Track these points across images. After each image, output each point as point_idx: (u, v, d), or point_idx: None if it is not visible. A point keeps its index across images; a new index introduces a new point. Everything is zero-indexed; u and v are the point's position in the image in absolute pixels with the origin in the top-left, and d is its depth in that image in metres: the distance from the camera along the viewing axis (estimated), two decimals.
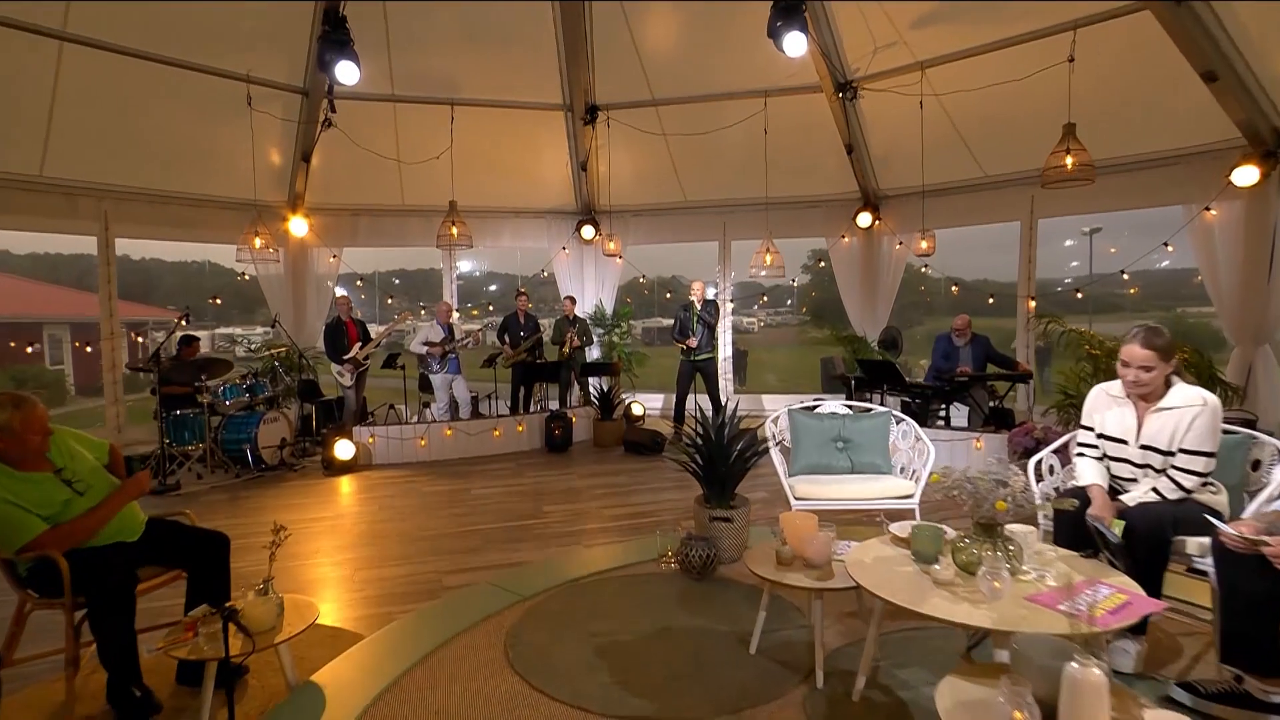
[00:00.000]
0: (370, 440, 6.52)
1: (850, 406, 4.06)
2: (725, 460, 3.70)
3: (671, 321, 7.24)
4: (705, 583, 3.50)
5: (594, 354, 8.72)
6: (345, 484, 5.91)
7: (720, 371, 7.61)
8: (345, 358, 7.07)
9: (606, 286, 9.11)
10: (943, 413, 6.40)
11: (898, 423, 3.93)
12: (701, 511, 3.76)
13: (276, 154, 7.42)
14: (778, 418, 4.01)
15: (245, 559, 3.61)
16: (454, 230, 7.02)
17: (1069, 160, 5.25)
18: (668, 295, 10.35)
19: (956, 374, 6.17)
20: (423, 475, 6.13)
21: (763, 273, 7.97)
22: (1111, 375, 5.31)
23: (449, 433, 6.72)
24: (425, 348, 7.08)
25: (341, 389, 7.21)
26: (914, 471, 3.70)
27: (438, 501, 5.28)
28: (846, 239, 8.22)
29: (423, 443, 6.63)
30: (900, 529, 2.83)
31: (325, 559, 4.09)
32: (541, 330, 7.79)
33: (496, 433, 6.91)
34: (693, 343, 6.75)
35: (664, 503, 5.15)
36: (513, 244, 9.09)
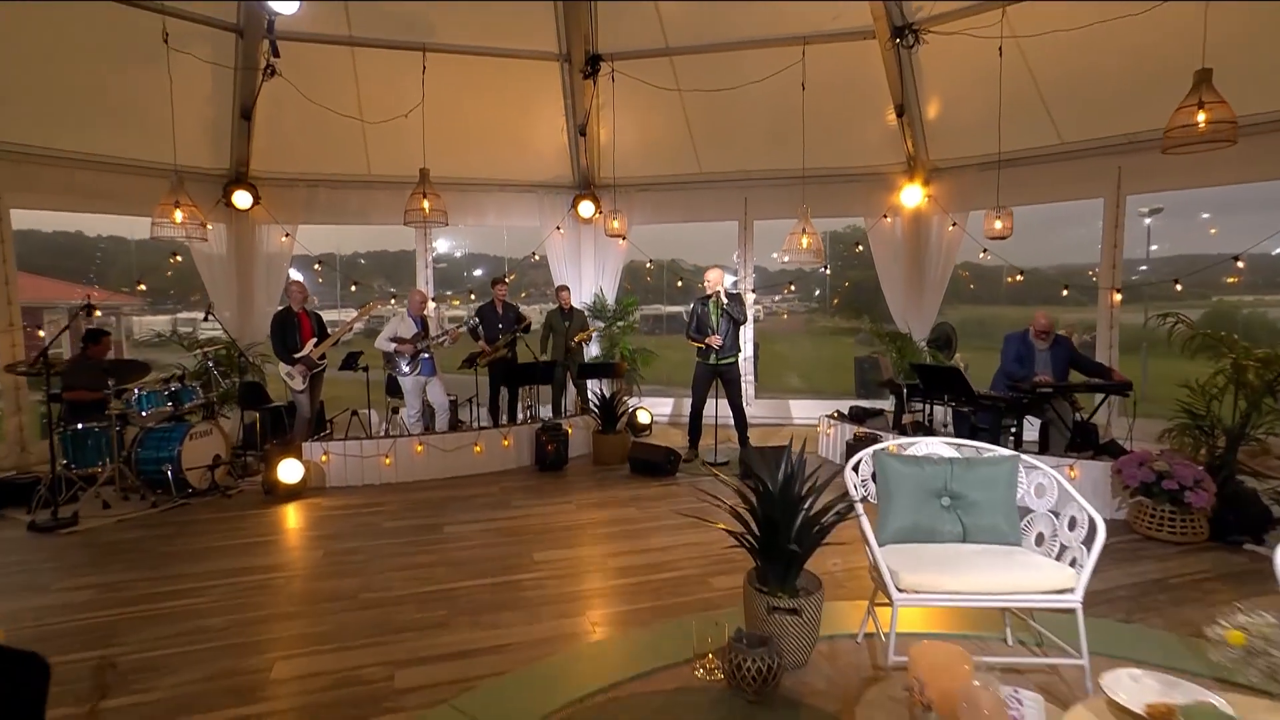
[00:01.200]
0: (324, 459, 5.37)
1: (956, 445, 2.94)
2: (791, 527, 2.59)
3: (677, 308, 6.08)
4: (764, 705, 2.42)
5: (593, 351, 7.55)
6: (289, 515, 4.81)
7: (742, 374, 6.43)
8: (297, 356, 5.88)
9: (607, 272, 7.92)
10: (1014, 429, 5.31)
11: (1028, 471, 2.82)
12: (756, 598, 2.65)
13: (209, 108, 6.14)
14: (859, 463, 2.89)
15: (139, 635, 3.03)
16: (425, 204, 5.80)
17: (1201, 117, 4.13)
18: (678, 283, 9.13)
19: (1036, 383, 5.05)
20: (386, 503, 5.02)
21: (785, 258, 6.83)
22: (1253, 391, 4.01)
23: (420, 449, 5.57)
24: (393, 345, 5.91)
25: (292, 394, 6.01)
26: (1063, 548, 2.58)
27: (400, 544, 4.19)
28: (889, 219, 7.06)
29: (388, 461, 5.49)
30: (1119, 685, 1.73)
31: (238, 639, 3.03)
32: (527, 322, 6.56)
33: (478, 448, 5.77)
34: (716, 342, 5.58)
35: (684, 548, 4.09)
36: (499, 222, 7.86)
